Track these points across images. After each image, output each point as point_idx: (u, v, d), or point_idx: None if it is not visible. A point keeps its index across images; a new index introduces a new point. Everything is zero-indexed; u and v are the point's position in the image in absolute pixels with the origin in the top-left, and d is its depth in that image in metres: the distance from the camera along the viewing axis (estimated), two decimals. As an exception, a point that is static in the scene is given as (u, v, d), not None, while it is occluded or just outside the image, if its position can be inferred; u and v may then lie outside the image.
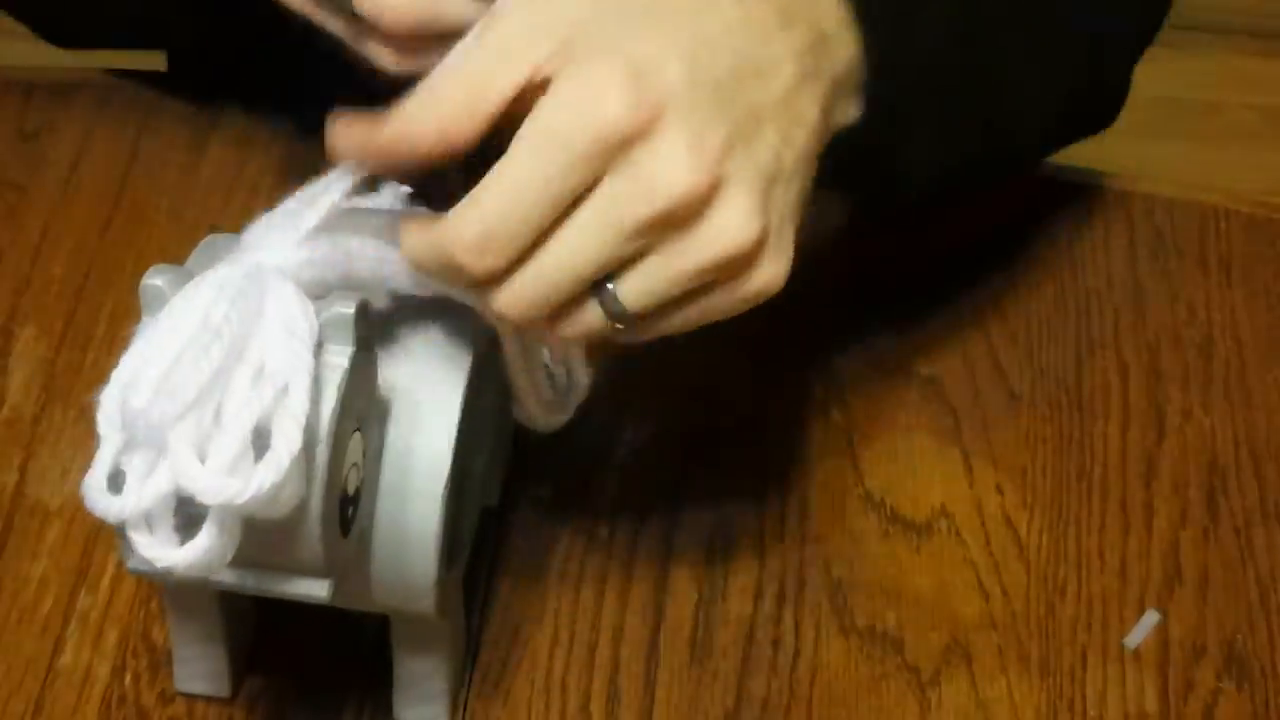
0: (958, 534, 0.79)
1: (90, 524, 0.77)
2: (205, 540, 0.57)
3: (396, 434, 0.64)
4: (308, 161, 0.92)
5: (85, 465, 0.59)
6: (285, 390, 0.58)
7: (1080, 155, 0.89)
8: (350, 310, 0.60)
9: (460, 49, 0.61)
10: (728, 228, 0.60)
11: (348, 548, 0.62)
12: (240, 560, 0.59)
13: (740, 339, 0.85)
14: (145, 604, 0.75)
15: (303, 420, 0.57)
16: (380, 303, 0.64)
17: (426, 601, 0.65)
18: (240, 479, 0.56)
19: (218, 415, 0.57)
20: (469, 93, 0.60)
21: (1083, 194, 0.92)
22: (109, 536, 0.61)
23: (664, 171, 0.58)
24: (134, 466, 0.58)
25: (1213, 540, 0.80)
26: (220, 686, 0.72)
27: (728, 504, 0.79)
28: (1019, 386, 0.84)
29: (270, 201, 0.91)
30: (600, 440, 0.81)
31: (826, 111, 0.64)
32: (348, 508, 0.61)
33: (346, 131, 0.62)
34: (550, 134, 0.58)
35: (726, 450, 0.81)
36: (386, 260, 0.62)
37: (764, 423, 0.82)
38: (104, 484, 0.58)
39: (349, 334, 0.60)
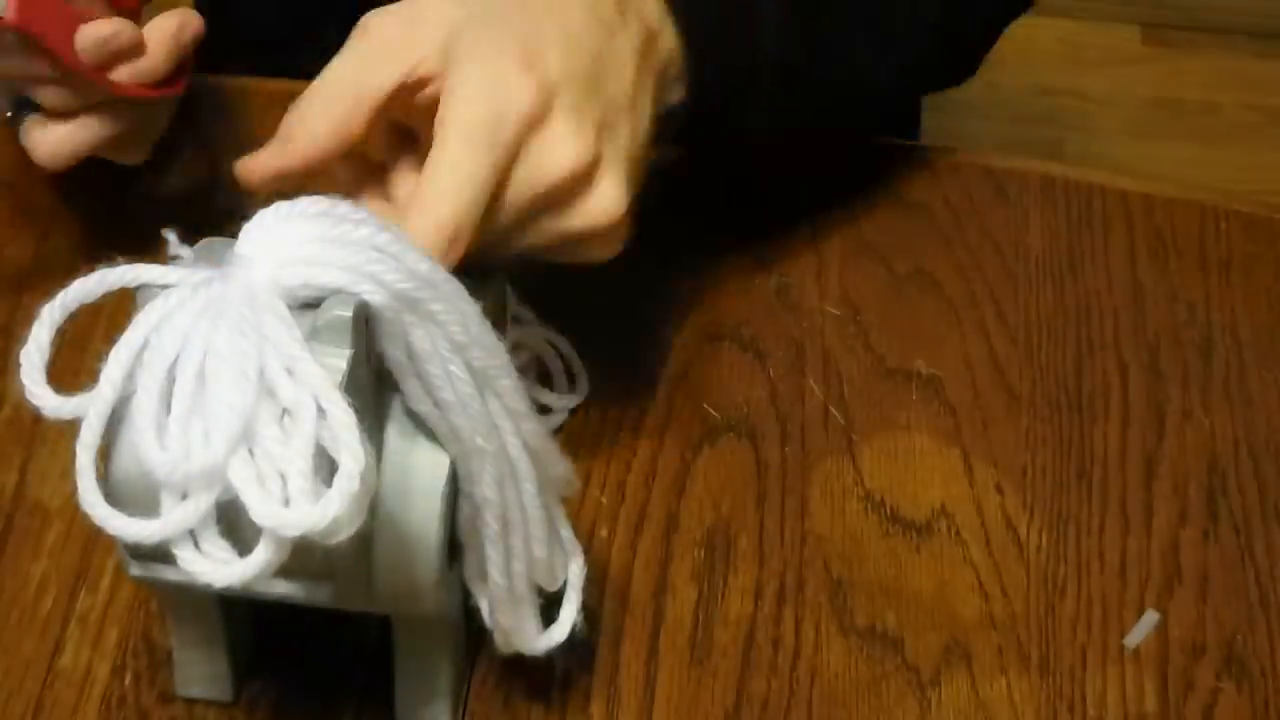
0: (958, 534, 0.79)
1: (90, 524, 0.77)
2: (263, 555, 0.58)
3: (395, 433, 0.64)
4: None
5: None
6: (324, 412, 0.58)
7: (1080, 155, 0.89)
8: (348, 313, 0.60)
9: (337, 59, 0.68)
10: (605, 199, 0.69)
11: (349, 550, 0.62)
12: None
13: (740, 338, 0.85)
14: (145, 604, 0.75)
15: (357, 434, 0.58)
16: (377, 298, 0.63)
17: (430, 600, 0.65)
18: (319, 505, 0.57)
19: (265, 445, 0.57)
20: (355, 92, 0.67)
21: (1083, 194, 0.92)
22: (109, 537, 0.62)
23: (558, 155, 0.67)
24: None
25: (1212, 540, 0.80)
26: (221, 690, 0.72)
27: (728, 504, 0.80)
28: (1019, 386, 0.84)
29: (269, 203, 0.91)
30: (599, 439, 0.81)
31: (659, 101, 0.72)
32: None
33: (251, 164, 0.68)
34: (477, 126, 0.65)
35: (726, 450, 0.81)
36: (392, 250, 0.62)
37: (764, 422, 0.82)
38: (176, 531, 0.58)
39: (346, 337, 0.60)
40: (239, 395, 0.58)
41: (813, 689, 0.74)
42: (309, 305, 0.61)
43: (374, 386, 0.63)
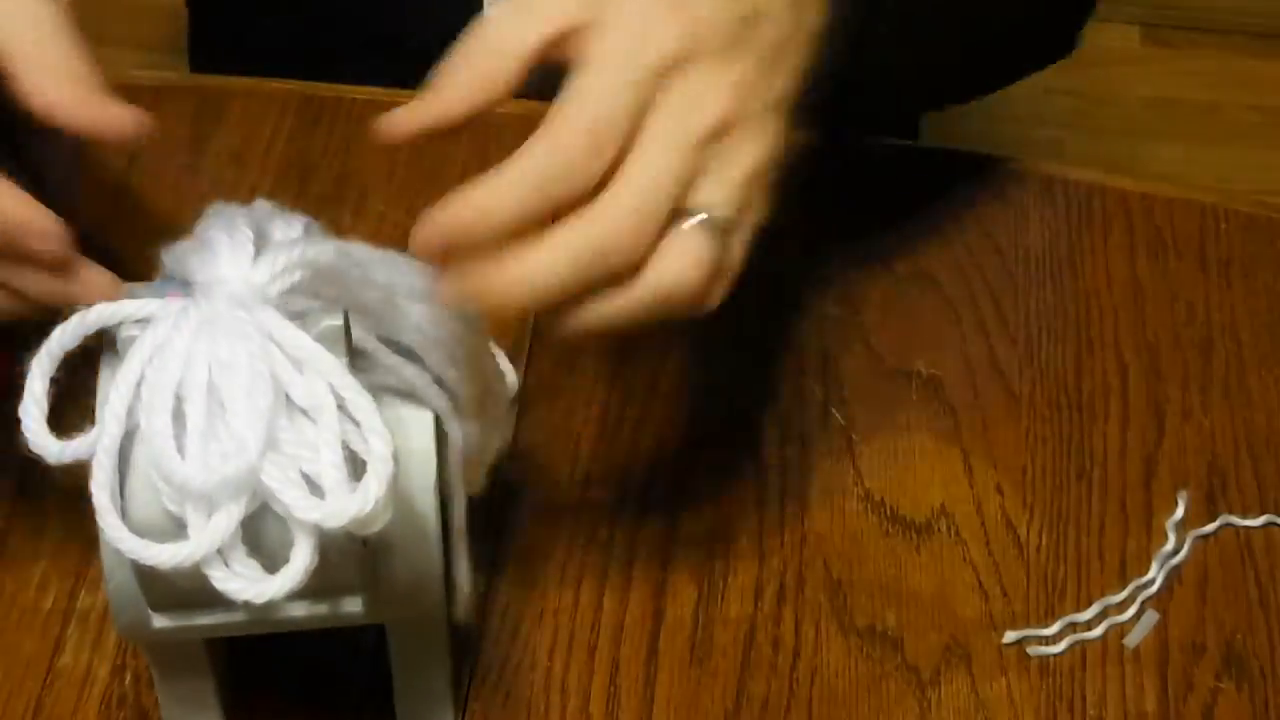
0: (958, 534, 0.79)
1: (90, 525, 0.77)
2: (301, 561, 0.57)
3: None
4: (307, 162, 0.93)
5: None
6: (344, 404, 0.58)
7: (1080, 155, 0.89)
8: (339, 322, 0.60)
9: (493, 12, 0.66)
10: (761, 142, 0.67)
11: (368, 558, 0.63)
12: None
13: (740, 339, 0.85)
14: (145, 604, 0.75)
15: (380, 416, 0.58)
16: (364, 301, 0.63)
17: (434, 599, 0.65)
18: (359, 492, 0.57)
19: (289, 446, 0.57)
20: (503, 46, 0.65)
21: (1082, 193, 0.92)
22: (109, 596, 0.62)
23: (708, 91, 0.65)
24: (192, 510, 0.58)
25: (1212, 540, 0.80)
26: None
27: (728, 504, 0.80)
28: (1019, 386, 0.84)
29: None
30: (600, 440, 0.81)
31: (806, 59, 0.70)
32: None
33: (394, 118, 0.65)
34: (616, 56, 0.64)
35: (726, 450, 0.81)
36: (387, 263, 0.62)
37: (764, 423, 0.82)
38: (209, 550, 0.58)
39: (341, 345, 0.60)
40: (260, 397, 0.57)
41: (813, 689, 0.74)
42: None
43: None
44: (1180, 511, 0.80)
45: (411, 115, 0.65)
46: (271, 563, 0.58)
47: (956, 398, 0.84)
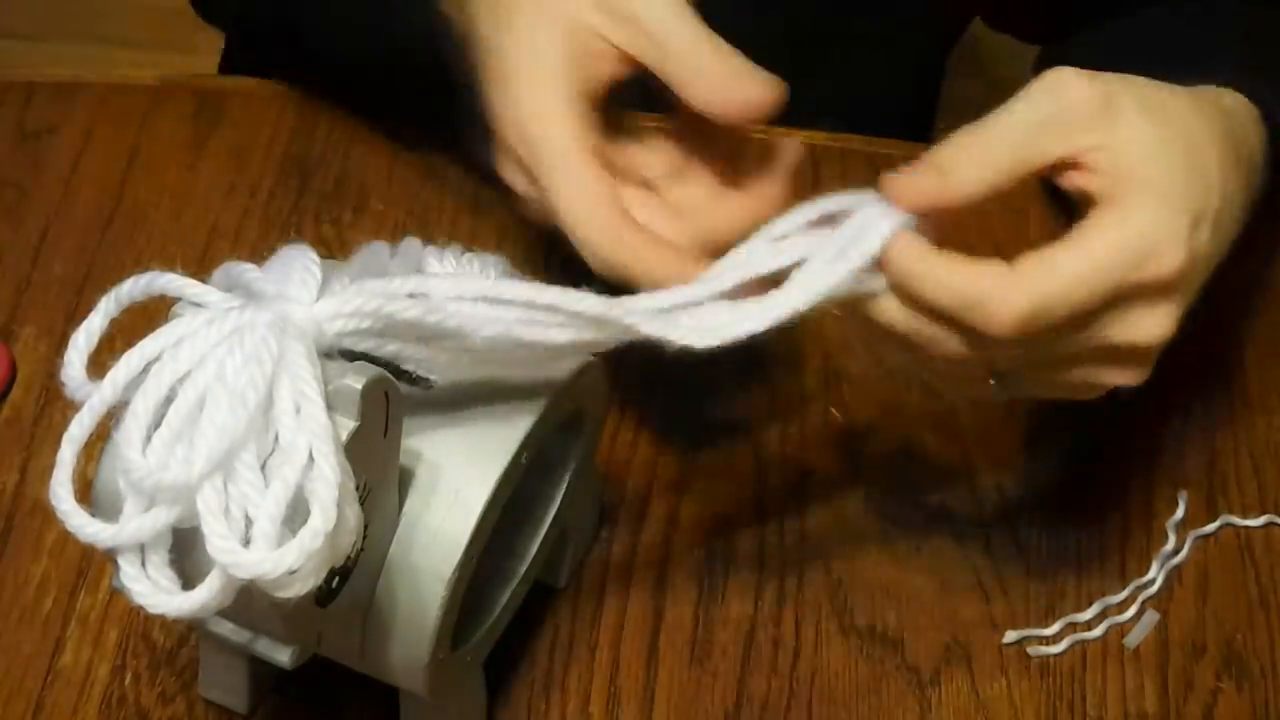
0: (958, 534, 0.79)
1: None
2: (204, 594, 0.56)
3: (413, 507, 0.63)
4: (307, 164, 0.93)
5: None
6: (311, 461, 0.56)
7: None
8: (358, 385, 0.58)
9: (1018, 105, 0.65)
10: (1145, 369, 0.68)
11: (326, 619, 0.62)
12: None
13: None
14: (145, 604, 0.75)
15: (336, 494, 0.56)
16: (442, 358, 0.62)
17: (418, 682, 0.64)
18: (276, 553, 0.55)
19: (242, 482, 0.56)
20: (1022, 153, 0.65)
21: (1083, 194, 0.92)
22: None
23: (1152, 326, 0.65)
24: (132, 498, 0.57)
25: (1212, 540, 0.80)
26: (238, 702, 0.71)
27: (728, 504, 0.80)
28: (1019, 386, 0.84)
29: (268, 203, 0.91)
30: (600, 440, 0.81)
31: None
32: (332, 580, 0.60)
33: (905, 184, 0.65)
34: (1111, 263, 0.63)
35: (726, 450, 0.81)
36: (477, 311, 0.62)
37: (764, 423, 0.82)
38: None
39: (354, 408, 0.58)
40: (230, 419, 0.56)
41: (813, 689, 0.74)
42: (348, 356, 0.60)
43: (389, 459, 0.62)
44: (1180, 511, 0.80)
45: (924, 188, 0.65)
46: (190, 582, 0.57)
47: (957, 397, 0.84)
